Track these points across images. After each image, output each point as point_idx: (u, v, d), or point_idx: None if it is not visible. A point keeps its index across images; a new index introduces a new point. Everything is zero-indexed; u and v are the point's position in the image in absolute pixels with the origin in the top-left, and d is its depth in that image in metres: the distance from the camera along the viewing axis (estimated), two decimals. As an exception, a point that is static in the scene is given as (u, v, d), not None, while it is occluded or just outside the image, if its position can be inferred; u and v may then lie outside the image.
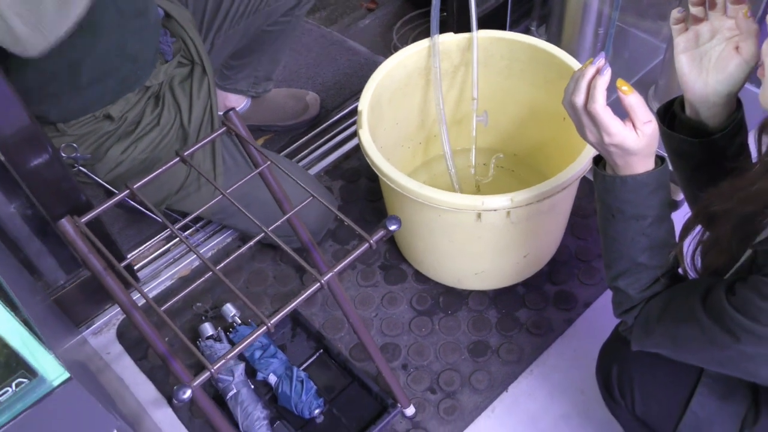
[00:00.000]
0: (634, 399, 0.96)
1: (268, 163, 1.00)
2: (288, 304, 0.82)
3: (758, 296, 0.69)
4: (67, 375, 0.54)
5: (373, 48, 2.01)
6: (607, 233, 0.89)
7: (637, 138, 0.80)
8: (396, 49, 1.40)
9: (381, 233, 0.87)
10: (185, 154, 0.98)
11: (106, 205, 0.93)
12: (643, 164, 0.83)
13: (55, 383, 0.54)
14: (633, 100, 0.80)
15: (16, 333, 0.53)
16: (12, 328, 0.52)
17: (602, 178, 0.86)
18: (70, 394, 0.55)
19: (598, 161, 0.90)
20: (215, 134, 1.00)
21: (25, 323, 0.56)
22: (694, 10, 0.84)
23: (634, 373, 0.96)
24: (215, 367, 0.78)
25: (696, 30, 0.84)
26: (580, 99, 0.82)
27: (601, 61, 0.82)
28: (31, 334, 0.54)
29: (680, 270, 0.90)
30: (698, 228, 0.86)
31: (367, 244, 0.87)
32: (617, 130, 0.80)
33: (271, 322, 0.81)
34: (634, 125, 0.80)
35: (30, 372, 0.53)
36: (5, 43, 0.98)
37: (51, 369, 0.54)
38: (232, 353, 0.79)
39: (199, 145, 0.99)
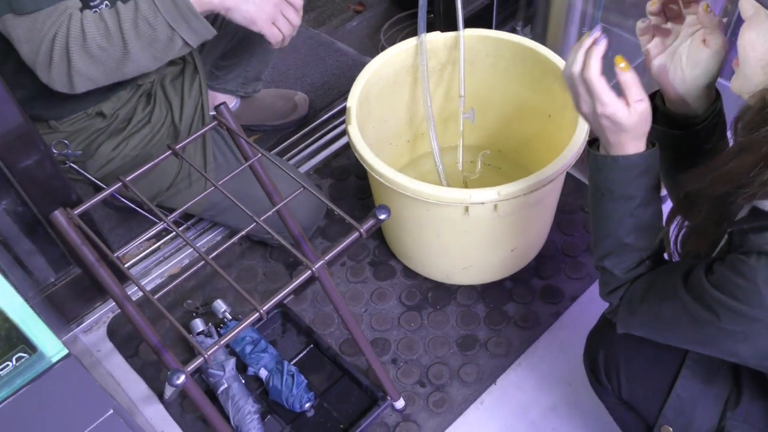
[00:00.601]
0: (620, 383, 0.99)
1: (259, 155, 1.02)
2: (279, 291, 0.83)
3: (734, 273, 0.72)
4: (65, 351, 0.55)
5: (360, 49, 2.03)
6: (597, 213, 0.91)
7: (629, 114, 0.81)
8: (383, 50, 1.42)
9: (371, 222, 0.89)
10: (177, 147, 1.00)
11: (99, 197, 0.94)
12: (634, 145, 0.84)
13: (54, 359, 0.55)
14: (628, 77, 0.81)
15: (17, 308, 0.54)
16: (13, 303, 0.53)
17: (594, 157, 0.88)
18: (69, 371, 0.56)
19: (592, 143, 0.92)
20: (207, 127, 1.02)
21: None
22: (655, 21, 0.88)
23: (620, 357, 0.99)
24: (209, 353, 0.79)
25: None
26: (576, 67, 0.84)
27: (597, 32, 0.84)
28: (32, 310, 0.55)
29: (666, 255, 0.93)
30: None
31: (357, 233, 0.88)
32: (610, 100, 0.81)
33: (264, 308, 0.83)
34: (627, 102, 0.82)
35: (30, 347, 0.54)
36: (60, 90, 1.11)
37: (50, 345, 0.55)
38: (226, 339, 0.80)
39: (192, 138, 1.00)
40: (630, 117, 0.81)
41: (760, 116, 0.70)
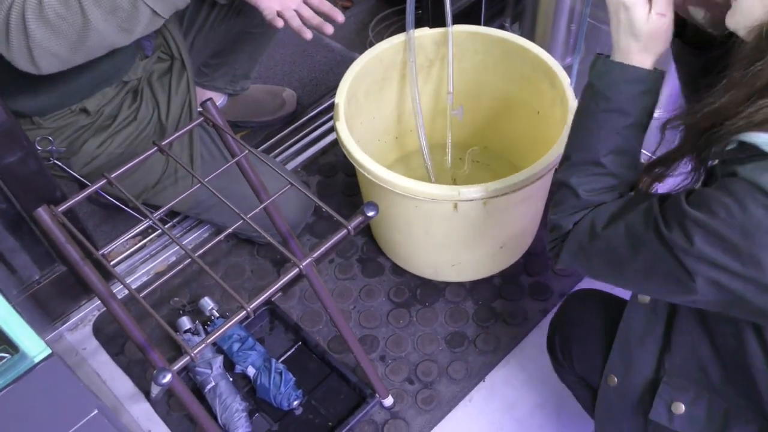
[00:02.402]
0: (573, 359, 1.05)
1: (246, 152, 1.01)
2: (267, 289, 0.83)
3: (721, 191, 0.69)
4: (48, 351, 0.54)
5: (348, 45, 2.02)
6: (582, 123, 0.87)
7: (646, 19, 0.79)
8: (371, 45, 1.42)
9: (359, 219, 0.88)
10: (163, 143, 0.98)
11: (83, 194, 0.92)
12: (641, 58, 0.82)
13: (37, 359, 0.54)
14: None
15: (-2, 307, 0.53)
16: (-6, 303, 0.52)
17: (603, 61, 0.85)
18: (52, 371, 0.55)
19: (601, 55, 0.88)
20: (193, 124, 1.00)
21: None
22: None
23: (572, 336, 1.05)
24: (195, 351, 0.78)
25: None
26: None
27: None
28: (14, 309, 0.54)
29: None
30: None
31: (345, 230, 0.88)
32: None
33: (251, 306, 0.82)
34: (649, 9, 0.79)
35: (12, 347, 0.53)
36: (25, 68, 1.03)
37: (33, 345, 0.54)
38: (212, 337, 0.80)
39: (177, 134, 0.99)
40: (646, 23, 0.79)
41: (757, 51, 0.69)
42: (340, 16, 1.24)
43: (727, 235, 0.69)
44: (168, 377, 0.76)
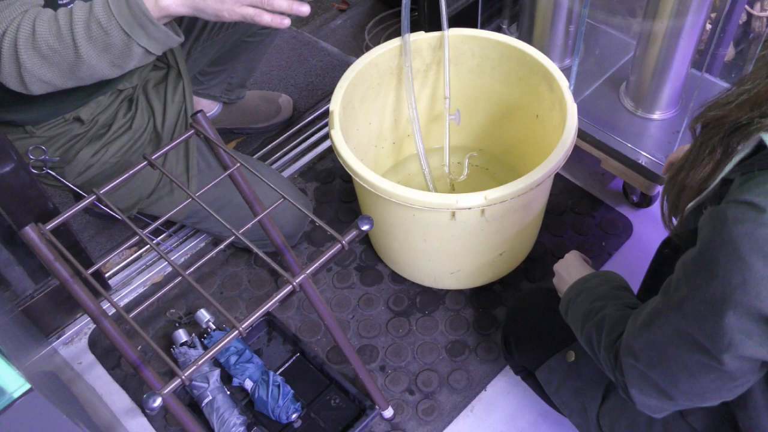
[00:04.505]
0: (513, 352, 1.16)
1: (238, 165, 0.98)
2: (260, 307, 0.80)
3: (708, 224, 0.68)
4: (27, 386, 0.52)
5: (345, 49, 2.00)
6: (583, 320, 0.93)
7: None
8: (368, 49, 1.40)
9: (353, 233, 0.86)
10: (153, 157, 0.96)
11: (71, 212, 0.90)
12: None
13: (16, 395, 0.52)
14: None
15: (-27, 344, 0.51)
16: (-32, 340, 0.50)
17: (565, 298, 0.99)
18: (32, 406, 0.53)
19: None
20: (182, 137, 0.98)
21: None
22: None
23: (510, 336, 1.17)
24: (186, 374, 0.76)
25: None
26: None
27: None
28: (-11, 345, 0.52)
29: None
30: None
31: (339, 245, 0.85)
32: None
33: (243, 326, 0.80)
34: None
35: (-11, 383, 0.51)
36: (16, 89, 1.03)
37: (11, 380, 0.52)
38: (204, 359, 0.78)
39: (167, 148, 0.97)
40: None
41: None
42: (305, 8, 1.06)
43: (724, 274, 0.67)
44: (158, 401, 0.74)
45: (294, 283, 0.83)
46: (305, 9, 1.03)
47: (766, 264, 0.63)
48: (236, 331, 0.80)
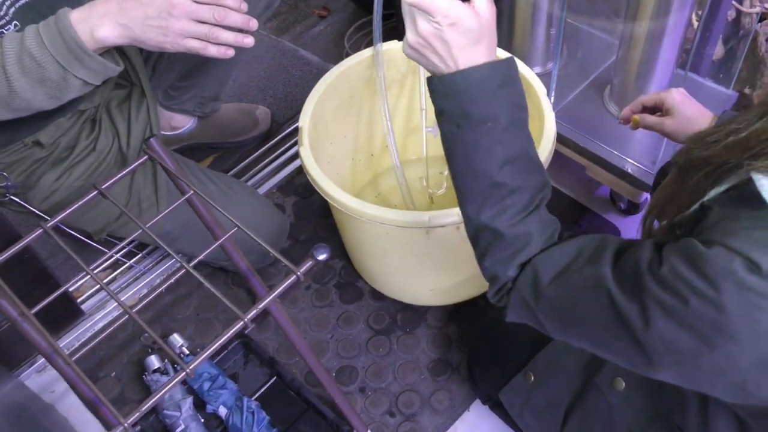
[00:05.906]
0: (478, 380, 1.17)
1: (191, 192, 0.94)
2: (207, 348, 0.76)
3: (691, 268, 0.58)
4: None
5: (325, 57, 1.96)
6: (456, 155, 0.75)
7: (474, 15, 0.70)
8: (348, 56, 1.35)
9: (308, 264, 0.81)
10: (104, 186, 0.92)
11: (14, 249, 0.86)
12: (475, 55, 0.72)
13: None
14: None
15: None
16: None
17: (439, 82, 0.73)
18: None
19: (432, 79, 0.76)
20: (134, 165, 0.94)
21: None
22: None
23: (474, 365, 1.18)
24: (129, 422, 0.72)
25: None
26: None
27: None
28: None
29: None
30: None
31: (294, 277, 0.81)
32: (449, 5, 0.69)
33: (190, 367, 0.75)
34: (473, 7, 0.71)
35: None
36: None
37: None
38: (147, 405, 0.73)
39: (118, 177, 0.93)
40: (478, 18, 0.70)
41: None
42: (253, 23, 1.00)
43: (700, 326, 0.57)
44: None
45: (245, 320, 0.79)
46: (249, 41, 0.98)
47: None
48: (183, 373, 0.76)
